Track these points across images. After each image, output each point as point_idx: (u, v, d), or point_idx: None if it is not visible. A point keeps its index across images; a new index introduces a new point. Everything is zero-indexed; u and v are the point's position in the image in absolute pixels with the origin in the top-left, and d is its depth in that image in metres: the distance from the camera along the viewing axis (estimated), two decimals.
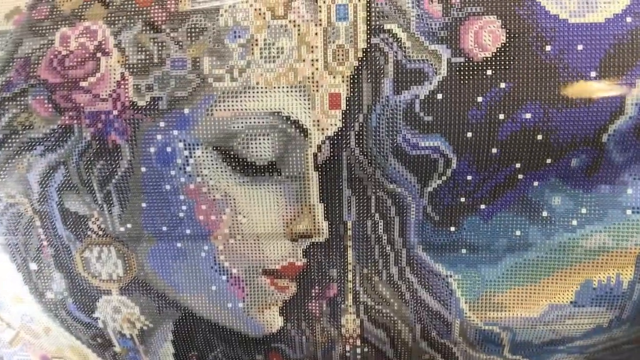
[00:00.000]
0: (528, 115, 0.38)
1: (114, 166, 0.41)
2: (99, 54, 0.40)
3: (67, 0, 0.41)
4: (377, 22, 0.38)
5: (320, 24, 0.39)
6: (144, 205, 0.43)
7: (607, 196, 0.40)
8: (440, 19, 0.38)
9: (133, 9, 0.40)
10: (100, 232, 0.44)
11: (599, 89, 0.37)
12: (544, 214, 0.41)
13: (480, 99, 0.38)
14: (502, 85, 0.38)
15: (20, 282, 0.48)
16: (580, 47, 0.37)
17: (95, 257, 0.45)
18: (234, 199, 0.42)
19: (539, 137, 0.38)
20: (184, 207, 0.43)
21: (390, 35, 0.38)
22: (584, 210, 0.40)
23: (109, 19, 0.40)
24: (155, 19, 0.40)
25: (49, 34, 0.41)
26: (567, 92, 0.37)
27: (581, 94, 0.37)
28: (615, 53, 0.37)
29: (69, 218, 0.44)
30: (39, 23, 0.41)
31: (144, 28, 0.40)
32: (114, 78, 0.40)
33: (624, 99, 0.37)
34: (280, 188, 0.41)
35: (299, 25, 0.39)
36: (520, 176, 0.40)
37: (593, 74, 0.37)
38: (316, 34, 0.39)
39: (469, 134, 0.39)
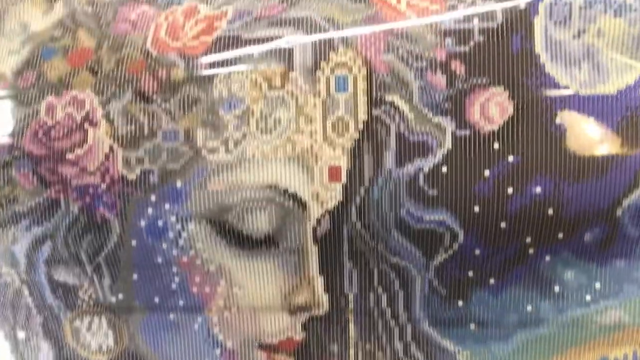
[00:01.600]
0: (538, 189, 0.36)
1: (103, 240, 0.39)
2: (86, 125, 0.38)
3: (55, 68, 0.40)
4: (378, 94, 0.37)
5: (319, 95, 0.37)
6: (135, 276, 0.41)
7: (622, 271, 0.38)
8: (445, 90, 0.36)
9: (123, 77, 0.38)
10: (91, 302, 0.42)
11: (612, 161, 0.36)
12: (556, 288, 0.39)
13: (487, 172, 0.36)
14: (510, 158, 0.36)
15: (7, 351, 0.46)
16: (591, 119, 0.36)
17: (85, 327, 0.43)
18: (229, 271, 0.40)
19: (550, 211, 0.36)
20: (176, 279, 0.41)
21: (392, 107, 0.37)
22: (598, 285, 0.38)
23: (97, 87, 0.38)
24: (146, 88, 0.38)
25: (35, 103, 0.39)
26: (578, 165, 0.36)
27: (593, 166, 0.36)
28: (628, 126, 0.36)
29: (58, 288, 0.42)
30: (24, 91, 0.40)
31: (134, 98, 0.38)
32: (102, 150, 0.38)
33: (638, 173, 0.36)
34: (278, 261, 0.39)
35: (296, 96, 0.37)
36: (531, 250, 0.38)
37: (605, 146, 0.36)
38: (315, 105, 0.37)
39: (476, 208, 0.37)
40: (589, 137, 0.35)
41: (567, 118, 0.35)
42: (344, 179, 0.37)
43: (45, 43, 0.41)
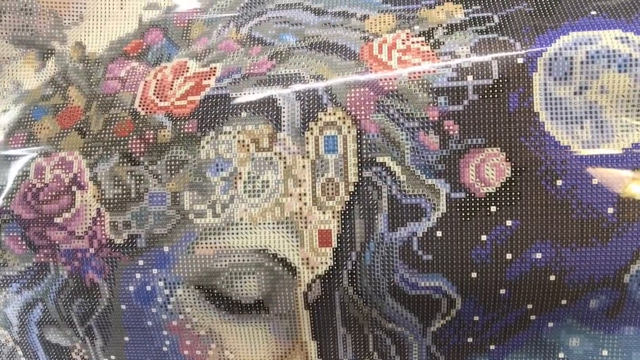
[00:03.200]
0: (538, 255, 0.34)
1: (93, 303, 0.39)
2: (74, 188, 0.38)
3: (45, 128, 0.39)
4: (369, 155, 0.35)
5: (308, 157, 0.36)
6: (126, 339, 0.40)
7: (631, 338, 0.35)
8: (438, 151, 0.35)
9: (110, 139, 0.38)
10: None
11: (618, 227, 0.33)
12: (561, 355, 0.36)
13: (484, 237, 0.34)
14: (509, 222, 0.34)
15: None
16: (595, 181, 0.33)
17: None
18: (220, 335, 0.39)
19: (552, 277, 0.34)
20: (167, 342, 0.40)
21: (384, 168, 0.35)
22: (605, 353, 0.36)
23: (85, 149, 0.38)
24: (133, 150, 0.37)
25: (24, 165, 0.39)
26: (581, 230, 0.34)
27: (597, 232, 0.34)
28: (635, 187, 0.33)
29: (51, 349, 0.41)
30: (15, 151, 0.39)
31: (121, 160, 0.37)
32: (90, 214, 0.37)
33: None
34: (269, 325, 0.38)
35: (285, 158, 0.36)
36: (532, 317, 0.36)
37: (610, 210, 0.33)
38: (303, 166, 0.36)
39: (474, 274, 0.35)
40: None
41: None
42: (334, 243, 0.36)
43: (36, 102, 0.41)
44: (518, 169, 0.34)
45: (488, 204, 0.34)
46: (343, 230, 0.36)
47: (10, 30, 0.42)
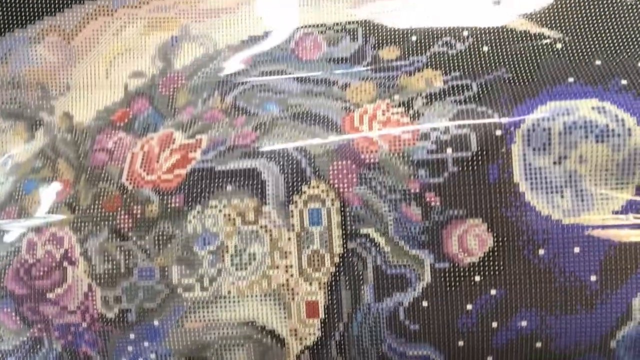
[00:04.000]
0: (524, 323, 0.34)
1: None
2: (65, 263, 0.38)
3: (35, 202, 0.40)
4: (353, 227, 0.36)
5: (293, 229, 0.36)
6: None
7: None
8: (420, 222, 0.35)
9: (99, 215, 0.38)
10: None
11: (601, 293, 0.34)
12: None
13: (469, 306, 0.35)
14: (493, 291, 0.35)
15: None
16: (577, 250, 0.34)
17: None
18: None
19: (538, 344, 0.35)
20: None
21: (368, 239, 0.36)
22: None
23: (75, 225, 0.38)
24: (122, 225, 0.38)
25: (16, 241, 0.39)
26: (565, 298, 0.34)
27: (581, 300, 0.34)
28: (617, 255, 0.34)
29: None
30: (7, 225, 0.40)
31: (110, 235, 0.38)
32: (81, 289, 0.38)
33: (630, 304, 0.34)
34: None
35: (270, 231, 0.36)
36: None
37: (593, 278, 0.34)
38: (289, 239, 0.36)
39: (461, 343, 0.35)
40: None
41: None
42: (322, 314, 0.36)
43: (27, 175, 0.41)
44: (500, 239, 0.34)
45: (472, 273, 0.35)
46: (330, 302, 0.36)
47: None
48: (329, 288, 0.36)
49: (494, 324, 0.35)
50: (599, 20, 0.40)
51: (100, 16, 0.44)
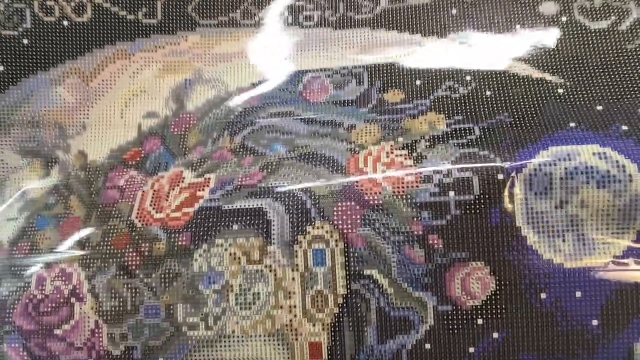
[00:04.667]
0: None
1: None
2: (73, 300, 0.39)
3: (47, 238, 0.41)
4: (357, 268, 0.36)
5: (298, 270, 0.37)
6: None
7: None
8: (424, 265, 0.35)
9: (108, 252, 0.39)
10: None
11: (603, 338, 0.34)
12: None
13: (472, 349, 0.35)
14: (495, 335, 0.35)
15: None
16: (579, 294, 0.34)
17: None
18: None
19: None
20: None
21: (371, 281, 0.36)
22: None
23: (84, 261, 0.39)
24: (130, 263, 0.39)
25: (26, 276, 0.40)
26: (567, 342, 0.34)
27: (583, 344, 0.34)
28: (619, 299, 0.34)
29: None
30: (18, 263, 0.41)
31: (118, 273, 0.39)
32: (88, 326, 0.38)
33: (633, 349, 0.33)
34: None
35: (275, 271, 0.37)
36: None
37: (595, 322, 0.34)
38: (293, 279, 0.37)
39: None
40: None
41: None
42: (325, 355, 0.36)
43: (40, 211, 0.42)
44: (503, 282, 0.34)
45: (475, 316, 0.35)
46: (333, 343, 0.36)
47: (18, 142, 0.45)
48: (333, 329, 0.36)
49: None
50: (601, 66, 0.40)
51: (119, 59, 0.45)
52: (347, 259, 0.36)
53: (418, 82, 0.42)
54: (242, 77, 0.45)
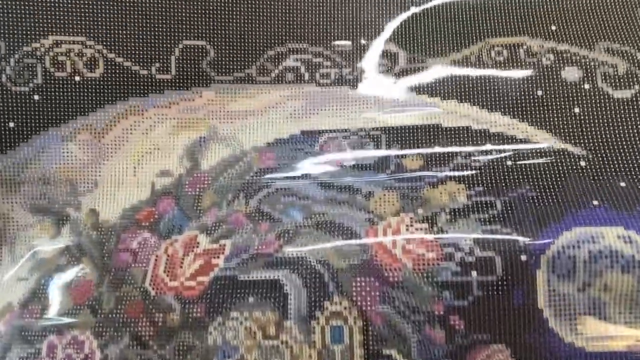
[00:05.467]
0: None
1: None
2: None
3: (58, 302, 0.40)
4: (375, 347, 0.36)
5: (315, 346, 0.36)
6: None
7: None
8: (444, 345, 0.35)
9: (121, 320, 0.38)
10: None
11: None
12: None
13: None
14: None
15: None
16: None
17: None
18: None
19: None
20: None
21: None
22: None
23: (97, 329, 0.39)
24: (143, 333, 0.38)
25: (37, 342, 0.39)
26: None
27: None
28: None
29: None
30: (28, 327, 0.40)
31: (131, 343, 0.38)
32: None
33: None
34: None
35: (291, 347, 0.36)
36: None
37: None
38: (310, 356, 0.36)
39: None
40: None
41: None
42: None
43: (51, 272, 0.42)
44: None
45: None
46: None
47: (28, 199, 0.44)
48: None
49: None
50: (623, 137, 0.40)
51: (131, 115, 0.45)
52: (365, 337, 0.36)
53: (437, 148, 0.41)
54: (257, 135, 0.45)
